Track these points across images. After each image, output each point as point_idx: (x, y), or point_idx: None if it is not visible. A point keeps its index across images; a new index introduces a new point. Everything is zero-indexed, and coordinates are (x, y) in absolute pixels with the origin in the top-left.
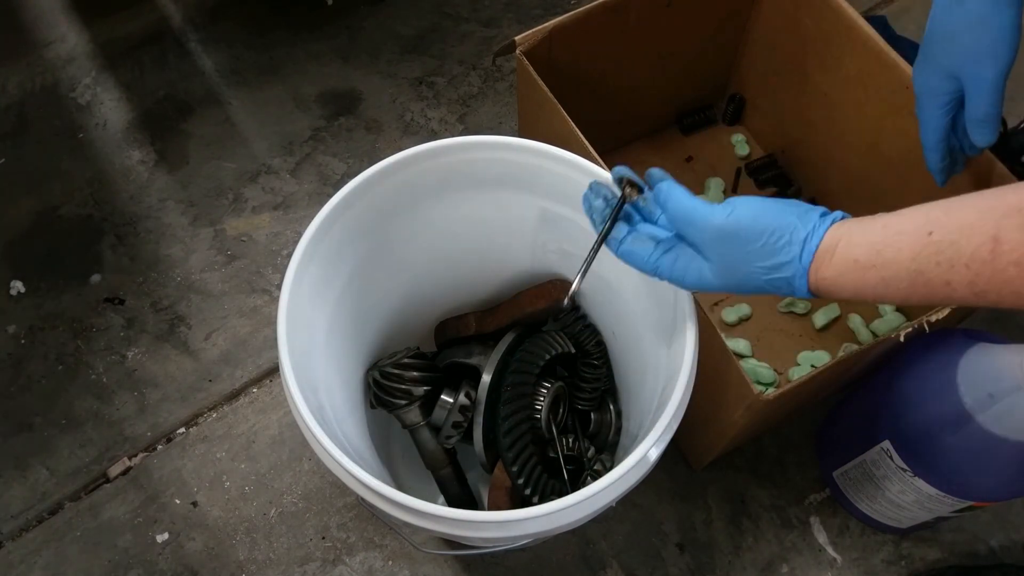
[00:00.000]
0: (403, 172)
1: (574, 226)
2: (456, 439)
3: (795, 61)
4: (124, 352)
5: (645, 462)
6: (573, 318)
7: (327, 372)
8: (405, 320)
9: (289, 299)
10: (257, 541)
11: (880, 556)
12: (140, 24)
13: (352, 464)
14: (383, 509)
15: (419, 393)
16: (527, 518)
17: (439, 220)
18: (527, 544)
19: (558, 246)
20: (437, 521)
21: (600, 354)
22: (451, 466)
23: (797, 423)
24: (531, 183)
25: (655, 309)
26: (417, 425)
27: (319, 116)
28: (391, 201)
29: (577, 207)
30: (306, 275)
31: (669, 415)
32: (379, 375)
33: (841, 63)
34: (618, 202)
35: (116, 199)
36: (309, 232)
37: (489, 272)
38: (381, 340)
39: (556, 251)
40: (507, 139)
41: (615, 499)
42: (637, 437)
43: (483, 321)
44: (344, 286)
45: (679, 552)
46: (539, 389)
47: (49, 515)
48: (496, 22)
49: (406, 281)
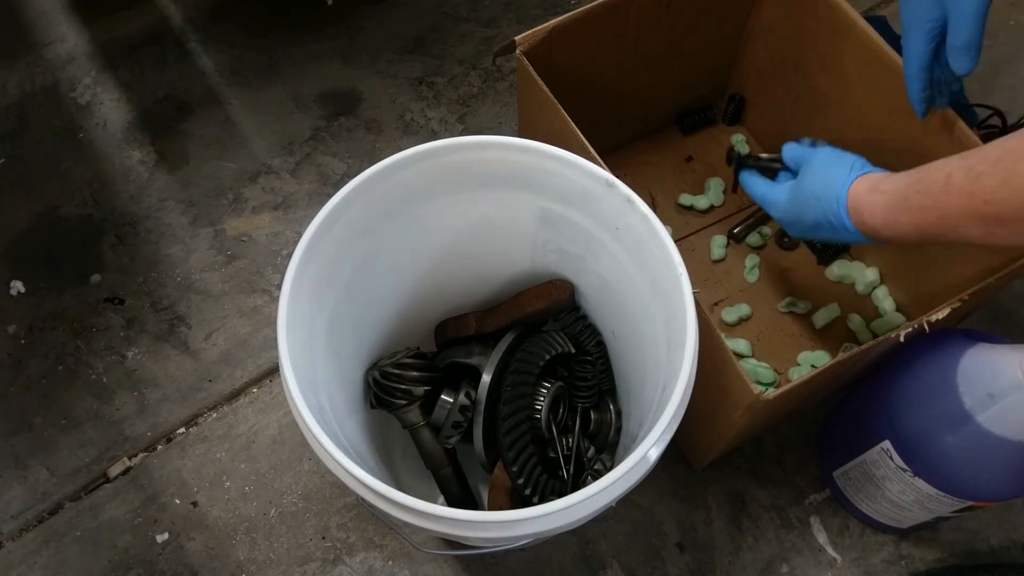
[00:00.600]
0: (403, 172)
1: (574, 226)
2: (456, 439)
3: (795, 61)
4: (124, 352)
5: (645, 462)
6: (573, 318)
7: (327, 372)
8: (405, 320)
9: (289, 299)
10: (257, 541)
11: (880, 556)
12: (140, 24)
13: (352, 464)
14: (383, 509)
15: (419, 393)
16: (527, 518)
17: (439, 220)
18: (527, 544)
19: (558, 246)
20: (437, 521)
21: (600, 354)
22: (451, 466)
23: (797, 423)
24: (531, 183)
25: (656, 309)
26: (417, 425)
27: (319, 116)
28: (391, 201)
29: (577, 207)
30: (306, 275)
31: (669, 415)
32: (379, 375)
33: (841, 63)
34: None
35: (116, 199)
36: (309, 232)
37: (489, 272)
38: (381, 340)
39: (556, 251)
40: (507, 139)
41: (615, 499)
42: (637, 437)
43: (483, 321)
44: (344, 286)
45: (679, 552)
46: (539, 389)
47: (49, 515)
48: (496, 22)
49: (406, 281)
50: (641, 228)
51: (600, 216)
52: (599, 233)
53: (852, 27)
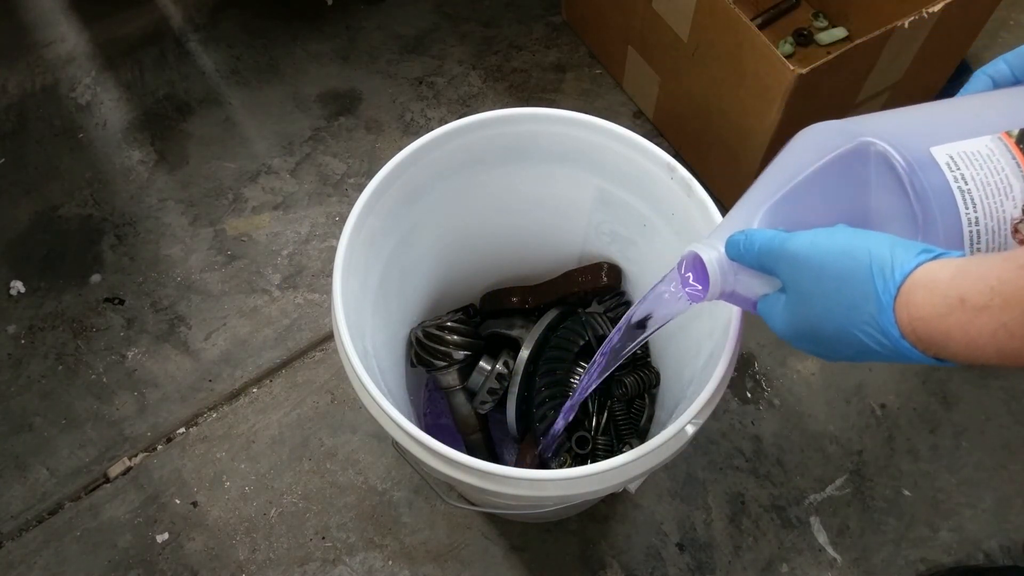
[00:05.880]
0: (468, 136)
1: (630, 209)
2: (490, 406)
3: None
4: (124, 352)
5: (682, 436)
6: (617, 302)
7: (375, 323)
8: (453, 285)
9: (348, 245)
10: (257, 541)
11: (880, 556)
12: (140, 24)
13: (393, 408)
14: (416, 455)
15: (459, 357)
16: (557, 479)
17: (497, 190)
18: (547, 510)
19: (611, 228)
20: (468, 472)
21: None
22: (482, 432)
23: (797, 423)
24: (593, 162)
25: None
26: (454, 388)
27: (319, 116)
28: (452, 165)
29: (635, 190)
30: (365, 225)
31: (710, 390)
32: (422, 334)
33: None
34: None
35: (116, 199)
36: (373, 184)
37: (540, 247)
38: (427, 301)
39: (609, 233)
40: (573, 115)
41: (642, 474)
42: (666, 423)
43: (529, 296)
44: (399, 241)
45: (679, 552)
46: (575, 368)
47: (49, 515)
48: (496, 22)
49: (458, 246)
50: (697, 215)
51: (657, 201)
52: (654, 218)
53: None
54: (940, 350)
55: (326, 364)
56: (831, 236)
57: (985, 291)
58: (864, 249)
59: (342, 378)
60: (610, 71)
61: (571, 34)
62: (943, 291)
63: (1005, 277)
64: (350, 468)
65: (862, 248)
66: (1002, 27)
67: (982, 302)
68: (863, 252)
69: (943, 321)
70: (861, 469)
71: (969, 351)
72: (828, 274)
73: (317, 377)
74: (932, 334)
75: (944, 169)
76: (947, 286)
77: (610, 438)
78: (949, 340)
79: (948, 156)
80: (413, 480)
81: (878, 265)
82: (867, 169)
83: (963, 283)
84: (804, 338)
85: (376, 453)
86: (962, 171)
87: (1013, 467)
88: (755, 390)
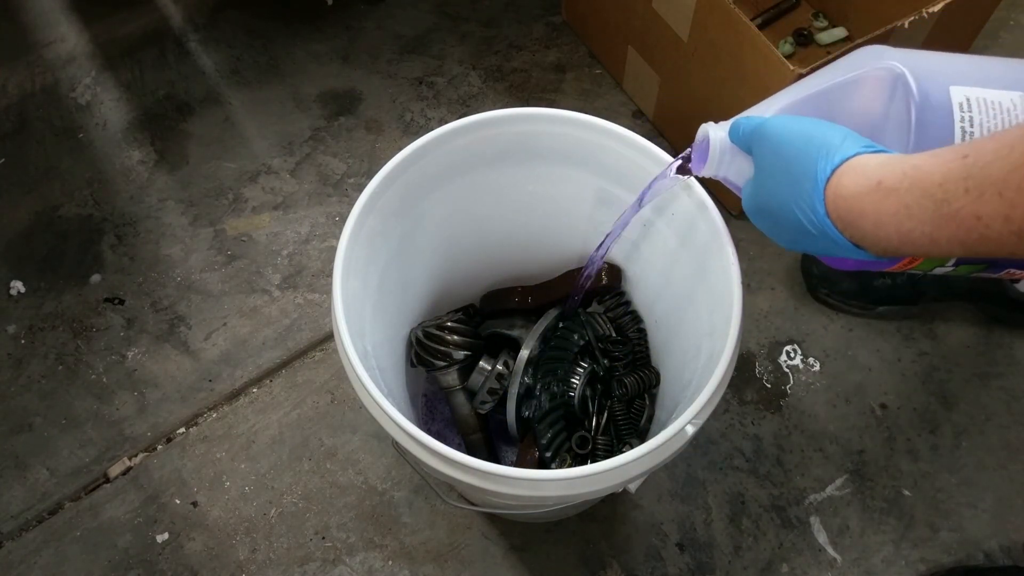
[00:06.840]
0: (469, 136)
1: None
2: (490, 405)
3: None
4: (124, 352)
5: (681, 436)
6: (617, 303)
7: (374, 323)
8: (453, 285)
9: (347, 245)
10: (257, 541)
11: (880, 556)
12: (140, 24)
13: (392, 408)
14: (416, 456)
15: (459, 357)
16: (555, 479)
17: (497, 190)
18: (547, 510)
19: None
20: (467, 472)
21: (640, 340)
22: (482, 432)
23: (797, 423)
24: (592, 161)
25: (701, 297)
26: (453, 388)
27: (319, 116)
28: (452, 165)
29: (635, 190)
30: (365, 225)
31: (709, 391)
32: (422, 334)
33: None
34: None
35: (116, 199)
36: (373, 184)
37: (541, 247)
38: (427, 302)
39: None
40: (573, 115)
41: (642, 474)
42: (666, 424)
43: (529, 296)
44: (399, 241)
45: (679, 552)
46: (575, 368)
47: (49, 515)
48: (496, 22)
49: (458, 246)
50: (696, 215)
51: (657, 201)
52: (654, 218)
53: None
54: (855, 231)
55: (326, 364)
56: (799, 121)
57: (899, 175)
58: (820, 135)
59: (342, 378)
60: (610, 71)
61: (571, 34)
62: (867, 174)
63: (919, 164)
64: (350, 468)
65: (819, 134)
66: (1002, 27)
67: (894, 184)
68: (819, 137)
69: (859, 201)
70: (861, 469)
71: (876, 231)
72: (785, 151)
73: (317, 377)
74: (850, 212)
75: (955, 108)
76: (872, 170)
77: (610, 438)
78: (862, 218)
79: (964, 97)
80: (413, 480)
81: (825, 148)
82: (885, 94)
83: (885, 169)
84: (759, 213)
85: (376, 453)
86: (972, 114)
87: (1013, 467)
88: (755, 390)
